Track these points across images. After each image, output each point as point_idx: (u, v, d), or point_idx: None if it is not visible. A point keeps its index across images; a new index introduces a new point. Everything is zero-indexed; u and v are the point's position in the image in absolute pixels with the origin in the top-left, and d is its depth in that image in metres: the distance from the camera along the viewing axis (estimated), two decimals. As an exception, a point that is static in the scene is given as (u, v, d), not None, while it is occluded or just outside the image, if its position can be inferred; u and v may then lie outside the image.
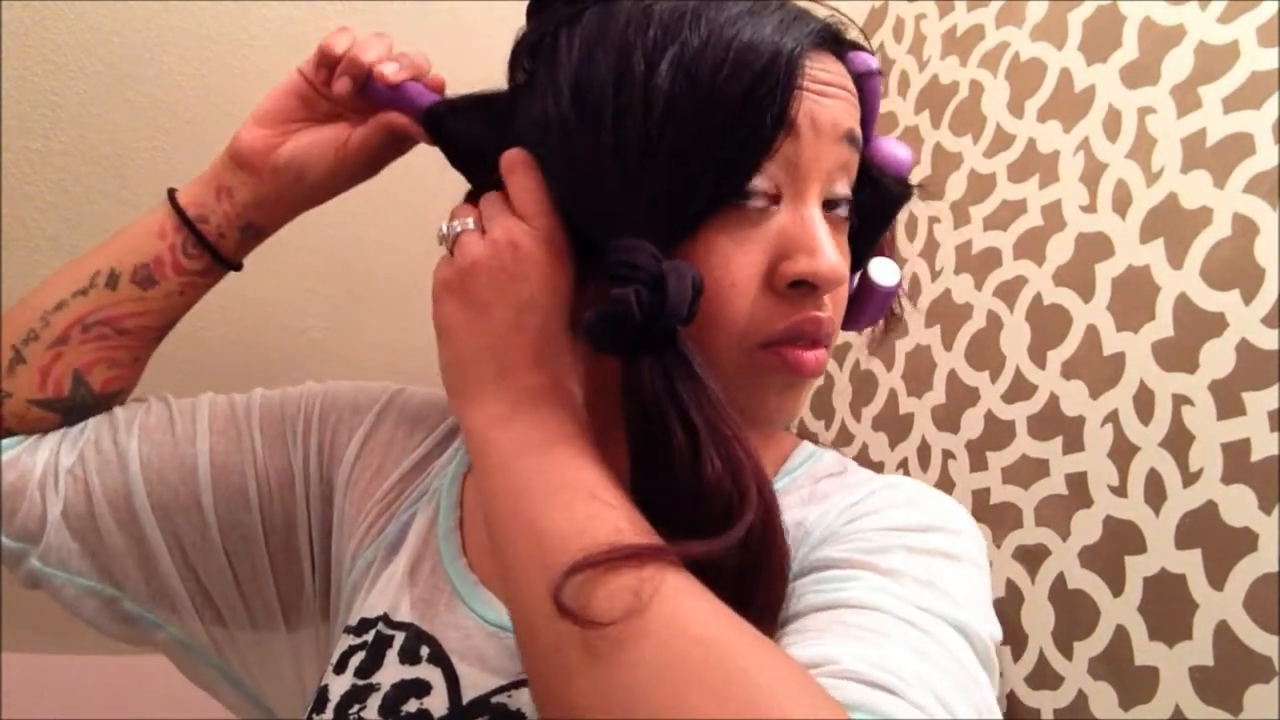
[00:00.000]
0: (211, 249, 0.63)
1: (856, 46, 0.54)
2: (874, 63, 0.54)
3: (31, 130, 1.11)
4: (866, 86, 0.53)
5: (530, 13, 0.55)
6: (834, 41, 0.52)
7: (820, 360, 0.51)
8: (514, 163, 0.51)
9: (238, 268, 0.65)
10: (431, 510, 0.62)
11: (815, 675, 0.37)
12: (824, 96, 0.49)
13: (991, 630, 0.46)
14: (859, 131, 0.52)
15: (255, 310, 1.25)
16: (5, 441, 0.61)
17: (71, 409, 0.63)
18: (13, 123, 1.10)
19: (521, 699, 0.50)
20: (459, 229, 0.52)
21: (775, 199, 0.49)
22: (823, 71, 0.49)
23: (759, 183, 0.48)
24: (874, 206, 0.55)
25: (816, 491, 0.57)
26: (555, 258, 0.49)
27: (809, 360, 0.50)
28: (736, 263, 0.48)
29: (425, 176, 0.63)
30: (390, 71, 0.59)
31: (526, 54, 0.54)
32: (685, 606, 0.37)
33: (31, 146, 1.12)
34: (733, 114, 0.46)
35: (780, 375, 0.50)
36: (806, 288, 0.49)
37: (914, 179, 0.59)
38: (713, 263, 0.47)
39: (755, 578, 0.42)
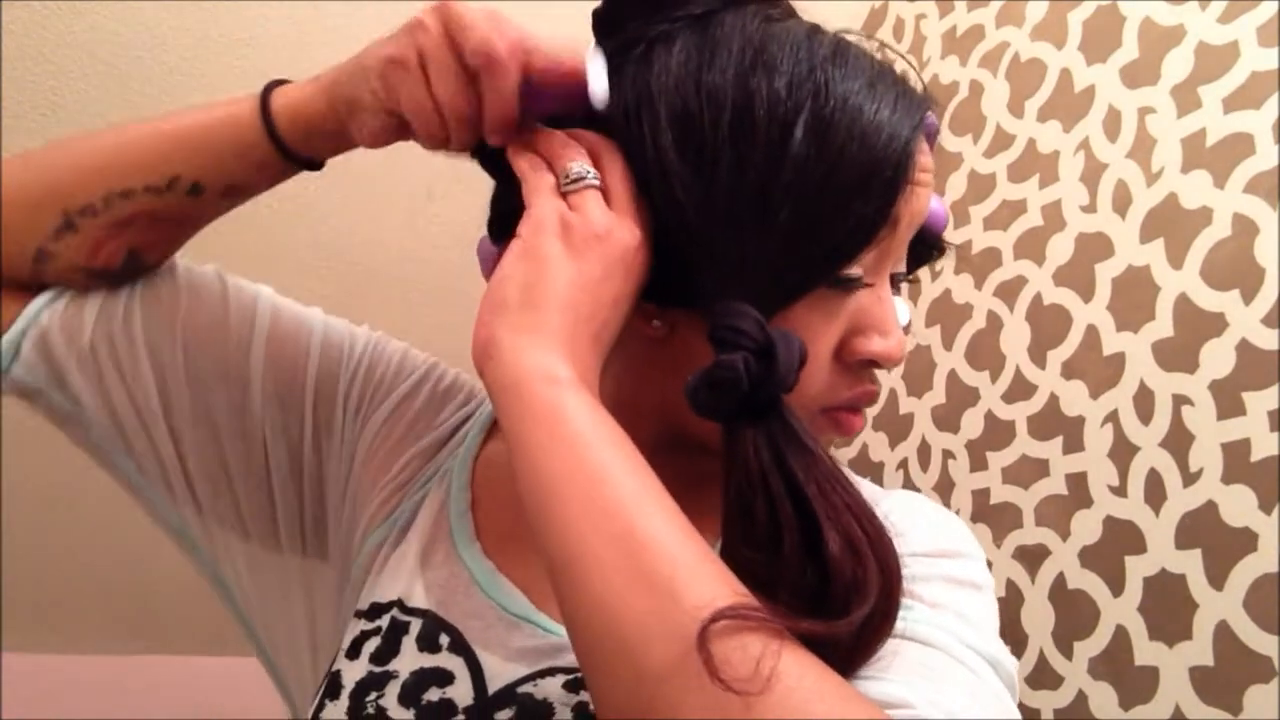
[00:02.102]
0: (308, 164, 0.58)
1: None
2: (936, 123, 0.53)
3: (31, 130, 1.11)
4: (929, 141, 0.55)
5: (602, 26, 0.51)
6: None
7: (863, 422, 0.54)
8: (615, 158, 0.48)
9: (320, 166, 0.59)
10: (443, 491, 0.61)
11: (890, 716, 0.38)
12: (920, 187, 0.49)
13: (1012, 660, 0.48)
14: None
15: (255, 310, 1.25)
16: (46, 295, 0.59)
17: (121, 279, 0.60)
18: (13, 123, 1.11)
19: (548, 688, 0.50)
20: (590, 180, 0.47)
21: (865, 283, 0.49)
22: (923, 156, 0.49)
23: (858, 268, 0.48)
24: (908, 254, 0.55)
25: None
26: (642, 268, 0.48)
27: (858, 424, 0.53)
28: (820, 335, 0.48)
29: (426, 176, 0.63)
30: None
31: (616, 53, 0.50)
32: (810, 684, 0.36)
33: (32, 146, 1.12)
34: (853, 197, 0.45)
35: (828, 434, 0.53)
36: (872, 364, 0.51)
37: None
38: (800, 331, 0.46)
39: (863, 653, 0.41)
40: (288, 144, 0.55)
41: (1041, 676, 0.98)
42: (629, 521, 0.39)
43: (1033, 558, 1.03)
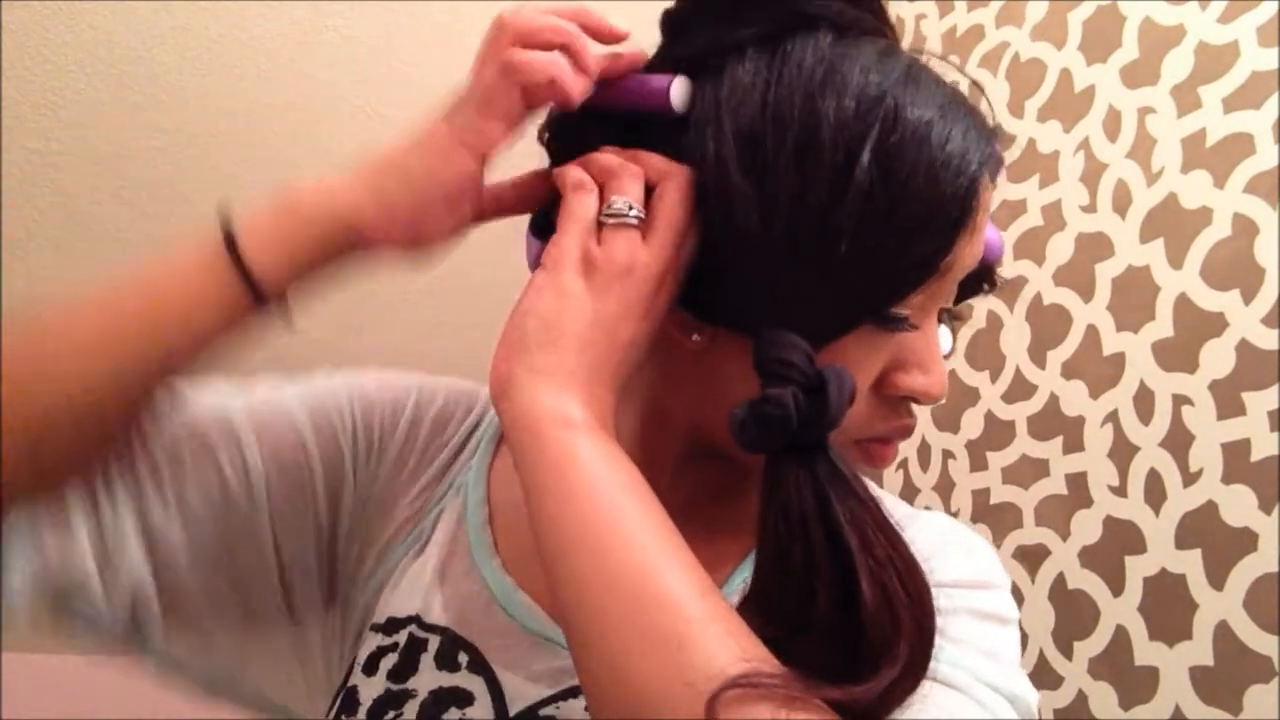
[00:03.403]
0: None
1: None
2: (1001, 156, 0.52)
3: (31, 130, 1.11)
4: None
5: (672, 29, 0.50)
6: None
7: (895, 453, 0.52)
8: (675, 186, 0.46)
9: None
10: (459, 505, 0.59)
11: None
12: (977, 234, 0.47)
13: (1034, 693, 0.48)
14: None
15: (255, 310, 1.25)
16: None
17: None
18: (13, 123, 1.11)
19: (571, 710, 0.49)
20: (630, 218, 0.46)
21: (912, 323, 0.47)
22: (988, 196, 0.48)
23: (907, 308, 0.47)
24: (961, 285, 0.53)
25: None
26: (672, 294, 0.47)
27: (892, 455, 0.52)
28: (862, 369, 0.47)
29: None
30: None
31: (684, 69, 0.48)
32: None
33: (31, 146, 1.12)
34: (913, 233, 0.44)
35: (860, 465, 0.52)
36: (911, 399, 0.50)
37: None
38: (840, 364, 0.45)
39: (884, 713, 0.39)
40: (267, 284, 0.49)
41: (1041, 676, 0.98)
42: (641, 578, 0.38)
43: (1033, 558, 1.03)
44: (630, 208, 0.46)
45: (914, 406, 0.51)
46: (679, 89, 0.46)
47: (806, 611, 0.40)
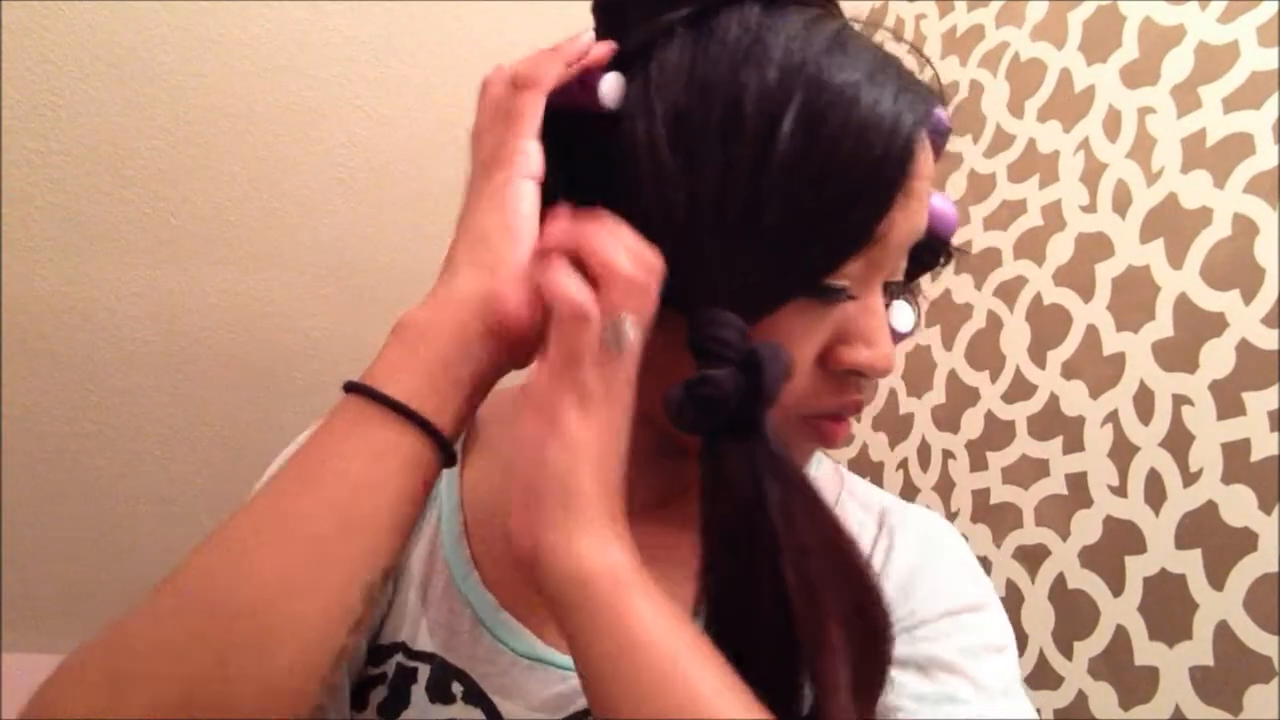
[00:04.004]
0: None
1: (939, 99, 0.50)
2: (946, 120, 0.50)
3: (31, 130, 1.11)
4: (935, 145, 0.51)
5: (605, 19, 0.49)
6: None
7: (848, 431, 0.50)
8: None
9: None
10: (434, 517, 0.56)
11: None
12: (915, 201, 0.46)
13: (1032, 713, 0.49)
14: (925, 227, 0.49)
15: (256, 310, 1.25)
16: None
17: None
18: (13, 123, 1.10)
19: None
20: (631, 344, 0.41)
21: (851, 294, 0.46)
22: (924, 161, 0.46)
23: (844, 279, 0.45)
24: (912, 259, 0.51)
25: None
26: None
27: (843, 432, 0.50)
28: (802, 343, 0.46)
29: (426, 175, 0.63)
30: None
31: (614, 65, 0.47)
32: None
33: (31, 146, 1.12)
34: (843, 202, 0.43)
35: (810, 443, 0.50)
36: (858, 374, 0.49)
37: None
38: (779, 340, 0.44)
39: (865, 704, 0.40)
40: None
41: (1041, 676, 0.98)
42: (690, 685, 0.36)
43: (1033, 558, 1.03)
44: (628, 333, 0.41)
45: (864, 383, 0.49)
46: (610, 86, 0.46)
47: (751, 594, 0.40)
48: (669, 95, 0.44)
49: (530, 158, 0.45)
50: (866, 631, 0.40)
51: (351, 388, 0.42)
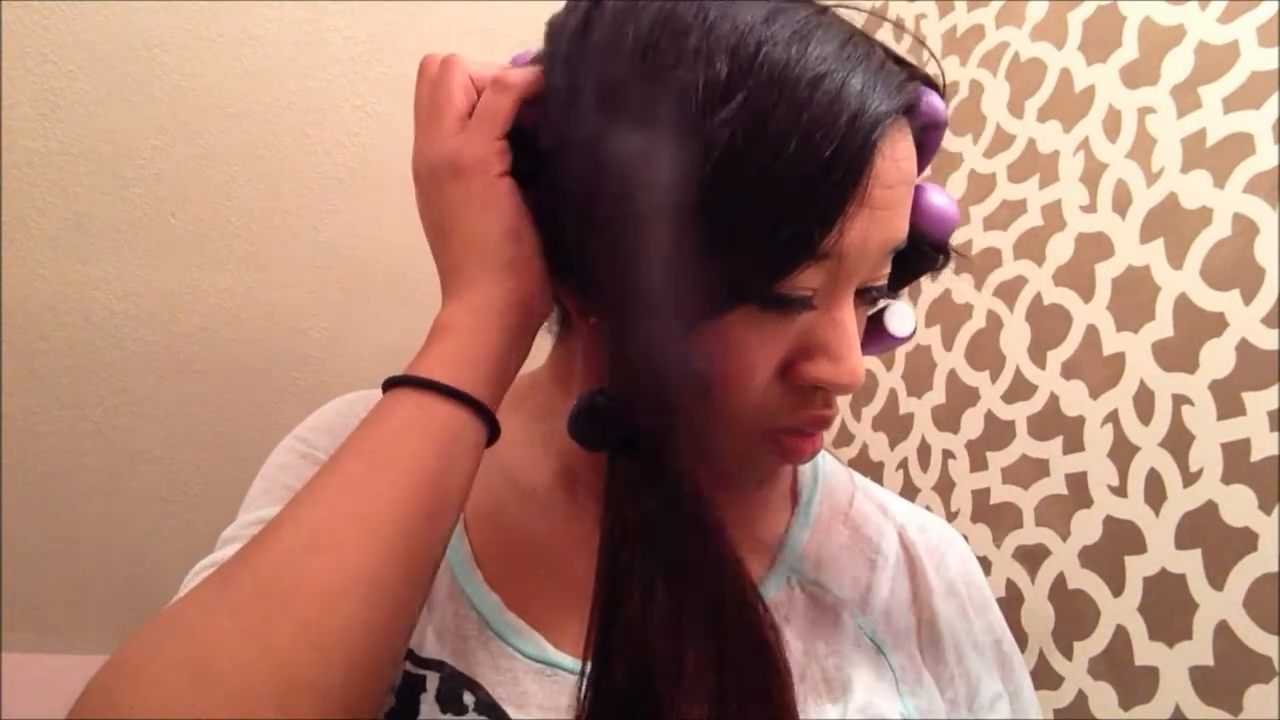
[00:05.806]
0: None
1: (929, 83, 0.46)
2: (941, 112, 0.46)
3: (31, 130, 1.12)
4: (929, 140, 0.46)
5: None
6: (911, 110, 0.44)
7: (818, 446, 0.48)
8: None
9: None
10: None
11: None
12: (883, 210, 0.41)
13: None
14: (905, 236, 0.45)
15: (256, 310, 1.25)
16: None
17: None
18: (13, 123, 1.11)
19: None
20: None
21: (810, 304, 0.43)
22: (892, 165, 0.41)
23: (803, 289, 0.42)
24: (905, 259, 0.48)
25: (859, 538, 0.56)
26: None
27: (808, 449, 0.47)
28: (755, 354, 0.43)
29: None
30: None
31: (547, 37, 0.45)
32: None
33: (31, 146, 1.12)
34: (788, 204, 0.39)
35: (772, 459, 0.48)
36: (823, 389, 0.45)
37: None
38: (730, 348, 0.42)
39: None
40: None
41: (1041, 676, 0.98)
42: None
43: (1033, 558, 1.03)
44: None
45: (833, 397, 0.46)
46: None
47: (624, 608, 0.40)
48: (596, 69, 0.41)
49: (505, 156, 0.45)
50: (738, 663, 0.39)
51: (404, 381, 0.42)
